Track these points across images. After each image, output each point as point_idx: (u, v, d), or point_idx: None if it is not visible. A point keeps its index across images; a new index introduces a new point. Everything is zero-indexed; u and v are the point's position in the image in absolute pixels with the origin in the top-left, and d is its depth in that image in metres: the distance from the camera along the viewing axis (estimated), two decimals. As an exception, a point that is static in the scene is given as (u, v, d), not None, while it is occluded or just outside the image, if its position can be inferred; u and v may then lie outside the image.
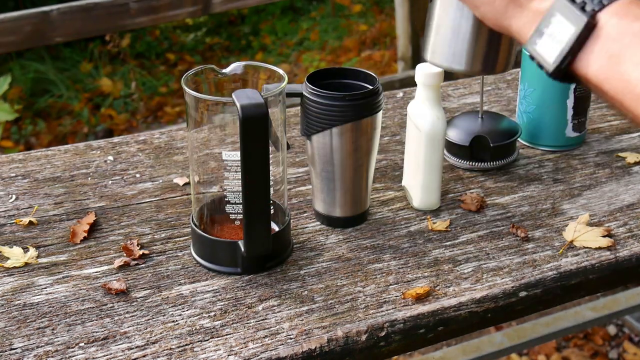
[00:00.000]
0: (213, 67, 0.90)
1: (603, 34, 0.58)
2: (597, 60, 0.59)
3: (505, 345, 1.81)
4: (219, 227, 0.92)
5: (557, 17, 0.61)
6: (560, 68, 0.61)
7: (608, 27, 0.58)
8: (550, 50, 0.61)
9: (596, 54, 0.59)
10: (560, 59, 0.60)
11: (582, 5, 0.59)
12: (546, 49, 0.62)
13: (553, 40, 0.61)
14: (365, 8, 4.75)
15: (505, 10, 0.66)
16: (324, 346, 0.80)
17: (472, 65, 0.76)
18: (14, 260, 0.92)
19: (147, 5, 2.91)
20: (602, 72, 0.58)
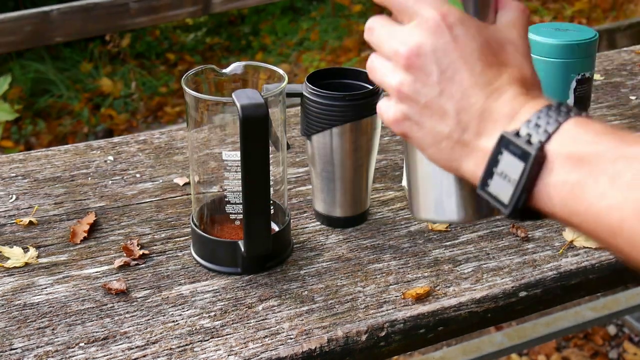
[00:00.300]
0: (213, 67, 0.90)
1: (556, 165, 0.53)
2: (557, 195, 0.54)
3: (505, 345, 1.81)
4: (219, 227, 0.92)
5: (505, 154, 0.55)
6: (517, 208, 0.55)
7: (560, 157, 0.53)
8: (504, 191, 0.56)
9: (554, 188, 0.54)
10: (515, 199, 0.55)
11: (528, 139, 0.55)
12: (499, 190, 0.56)
13: (504, 180, 0.56)
14: (365, 8, 4.75)
15: (452, 151, 0.59)
16: (324, 346, 0.80)
17: (463, 213, 0.64)
18: (14, 260, 0.92)
19: (147, 5, 2.91)
20: (566, 206, 0.53)
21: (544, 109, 0.55)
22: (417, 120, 0.60)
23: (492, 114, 0.57)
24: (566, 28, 1.16)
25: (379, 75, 0.63)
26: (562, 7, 4.69)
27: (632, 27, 3.33)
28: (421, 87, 0.59)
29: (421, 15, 0.59)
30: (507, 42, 0.60)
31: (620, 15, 4.58)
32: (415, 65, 0.58)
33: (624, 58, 1.53)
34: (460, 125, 0.58)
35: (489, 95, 0.57)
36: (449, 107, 0.58)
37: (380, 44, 0.62)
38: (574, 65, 1.12)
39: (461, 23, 0.58)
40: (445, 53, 0.58)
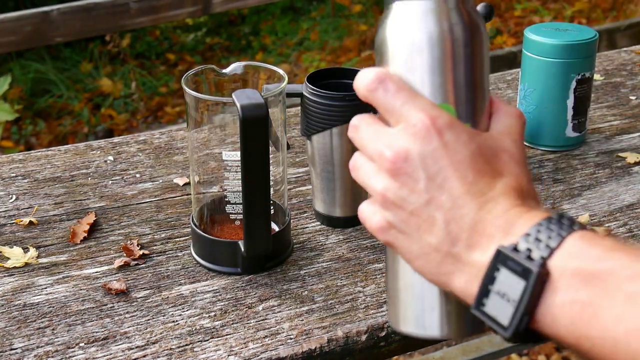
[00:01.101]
0: (213, 67, 0.90)
1: (562, 284, 0.49)
2: (564, 316, 0.48)
3: (505, 345, 1.81)
4: (219, 227, 0.92)
5: (502, 271, 0.51)
6: (518, 331, 0.50)
7: (566, 275, 0.49)
8: (502, 312, 0.51)
9: (560, 308, 0.49)
10: (516, 320, 0.50)
11: (528, 254, 0.50)
12: (497, 310, 0.51)
13: (502, 299, 0.51)
14: (365, 8, 4.75)
15: (441, 264, 0.54)
16: (324, 346, 0.80)
17: (447, 328, 0.58)
18: (14, 260, 0.92)
19: (147, 5, 2.91)
20: (575, 329, 0.48)
21: (544, 222, 0.51)
22: (403, 229, 0.56)
23: (485, 226, 0.53)
24: (566, 28, 1.16)
25: (362, 175, 0.59)
26: (562, 7, 4.70)
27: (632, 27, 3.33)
28: (407, 194, 0.55)
29: (409, 118, 0.55)
30: (501, 150, 0.56)
31: (620, 15, 4.58)
32: (402, 171, 0.55)
33: (624, 58, 1.53)
34: (450, 237, 0.53)
35: (481, 206, 0.53)
36: (438, 217, 0.54)
37: (364, 144, 0.58)
38: (574, 65, 1.13)
39: (451, 128, 0.54)
40: (434, 160, 0.54)
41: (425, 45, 0.56)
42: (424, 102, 0.56)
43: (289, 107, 1.06)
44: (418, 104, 0.55)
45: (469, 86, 0.57)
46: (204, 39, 4.59)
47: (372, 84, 0.57)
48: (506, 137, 0.57)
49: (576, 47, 1.12)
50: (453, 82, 0.56)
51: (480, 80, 0.58)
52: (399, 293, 0.60)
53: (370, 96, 0.58)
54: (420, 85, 0.56)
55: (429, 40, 0.56)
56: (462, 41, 0.56)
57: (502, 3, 4.68)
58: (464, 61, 0.56)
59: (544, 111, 1.15)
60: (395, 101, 0.56)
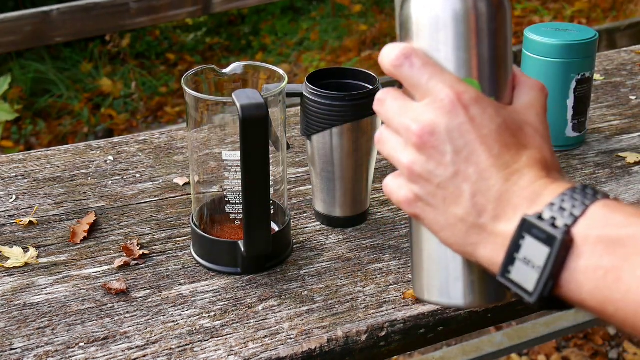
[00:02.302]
0: (213, 67, 0.90)
1: (586, 250, 0.50)
2: (588, 281, 0.50)
3: (505, 345, 1.81)
4: (219, 227, 0.92)
5: (527, 239, 0.52)
6: (543, 296, 0.52)
7: (589, 241, 0.50)
8: (527, 278, 0.52)
9: (584, 274, 0.50)
10: (541, 285, 0.52)
11: (552, 222, 0.51)
12: (522, 277, 0.53)
13: (528, 266, 0.52)
14: (365, 8, 4.75)
15: (467, 235, 0.55)
16: (324, 346, 0.80)
17: (471, 298, 0.60)
18: (14, 260, 0.92)
19: (147, 5, 2.91)
20: (599, 293, 0.50)
21: (568, 192, 0.53)
22: (430, 201, 0.57)
23: (511, 198, 0.54)
24: (566, 28, 1.16)
25: (388, 149, 0.59)
26: (562, 7, 4.70)
27: (632, 27, 3.33)
28: (434, 167, 0.56)
29: (435, 93, 0.56)
30: (526, 124, 0.57)
31: (620, 15, 4.58)
32: (428, 144, 0.56)
33: (624, 58, 1.53)
34: (476, 209, 0.55)
35: (507, 178, 0.54)
36: (465, 189, 0.55)
37: (390, 118, 0.59)
38: (574, 65, 1.13)
39: (477, 103, 0.55)
40: (461, 133, 0.55)
41: (450, 21, 0.57)
42: (450, 77, 0.56)
43: (289, 107, 1.06)
44: (444, 79, 0.56)
45: (494, 61, 0.58)
46: (204, 39, 4.59)
47: (398, 59, 0.58)
48: (530, 110, 0.58)
49: (576, 47, 1.12)
50: (478, 57, 0.57)
51: (504, 55, 0.59)
52: (423, 263, 0.61)
53: (395, 72, 0.58)
54: (445, 60, 0.57)
55: (454, 15, 0.57)
56: (486, 16, 0.57)
57: (502, 3, 4.67)
58: (488, 36, 0.57)
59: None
60: (421, 76, 0.57)
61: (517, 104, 0.59)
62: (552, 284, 0.52)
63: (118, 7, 2.85)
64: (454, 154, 0.55)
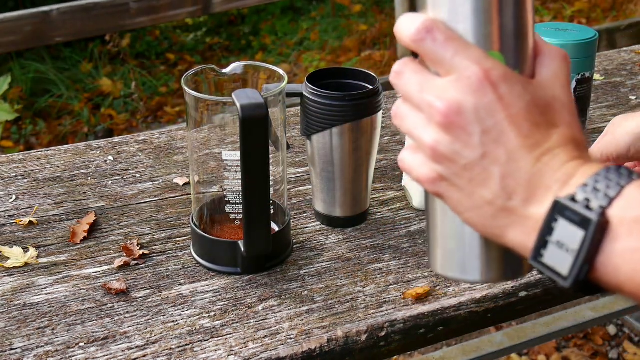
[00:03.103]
0: (213, 67, 0.90)
1: (622, 232, 0.49)
2: (626, 264, 0.49)
3: (505, 345, 1.81)
4: (219, 227, 0.92)
5: (560, 222, 0.50)
6: (578, 280, 0.50)
7: (626, 223, 0.49)
8: (561, 262, 0.51)
9: (621, 257, 0.49)
10: (576, 269, 0.50)
11: (586, 204, 0.50)
12: (556, 261, 0.51)
13: (561, 249, 0.51)
14: (365, 8, 4.75)
15: (494, 218, 0.54)
16: (324, 346, 0.80)
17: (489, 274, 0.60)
18: (14, 260, 0.92)
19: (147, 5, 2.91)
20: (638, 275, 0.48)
21: (602, 172, 0.51)
22: (455, 182, 0.54)
23: (542, 179, 0.52)
24: (566, 28, 1.16)
25: (408, 125, 0.56)
26: (562, 7, 4.70)
27: (632, 27, 3.33)
28: (461, 148, 0.53)
29: (461, 70, 0.53)
30: (554, 99, 0.55)
31: (620, 15, 4.58)
32: (455, 124, 0.53)
33: (624, 58, 1.53)
34: (506, 191, 0.53)
35: (538, 159, 0.52)
36: (494, 171, 0.53)
37: (410, 93, 0.56)
38: (574, 65, 1.13)
39: (505, 80, 0.53)
40: (489, 113, 0.52)
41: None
42: (476, 52, 0.54)
43: (289, 107, 1.06)
44: (470, 55, 0.54)
45: (517, 32, 0.56)
46: (204, 39, 4.59)
47: (419, 33, 0.54)
48: (556, 83, 0.56)
49: (576, 47, 1.12)
50: (500, 29, 0.55)
51: (527, 25, 0.56)
52: (440, 237, 0.60)
53: (416, 46, 0.55)
54: (466, 32, 0.55)
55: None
56: None
57: (502, 3, 4.67)
58: (511, 5, 0.55)
59: (544, 111, 1.15)
60: (445, 52, 0.54)
61: (542, 77, 0.56)
62: (587, 268, 0.50)
63: (118, 7, 2.85)
64: (482, 134, 0.53)
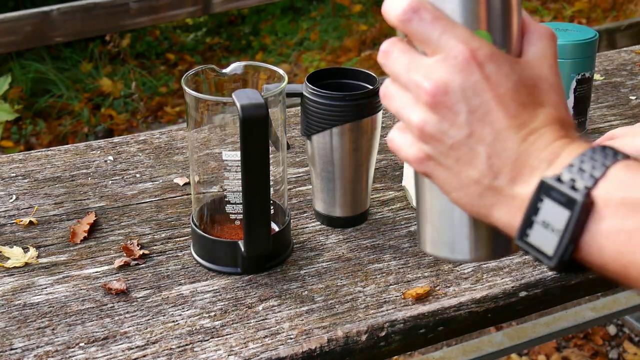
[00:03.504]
0: (213, 67, 0.90)
1: (608, 212, 0.49)
2: (611, 244, 0.49)
3: (505, 345, 1.81)
4: (219, 227, 0.92)
5: (546, 202, 0.51)
6: (563, 260, 0.51)
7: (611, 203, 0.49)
8: (547, 241, 0.51)
9: (606, 237, 0.49)
10: (561, 249, 0.51)
11: (572, 185, 0.50)
12: (541, 240, 0.52)
13: (547, 229, 0.51)
14: (365, 8, 4.75)
15: (481, 197, 0.54)
16: (324, 346, 0.80)
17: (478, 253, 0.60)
18: (14, 260, 0.92)
19: (147, 5, 2.91)
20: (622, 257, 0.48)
21: (587, 152, 0.51)
22: (442, 161, 0.55)
23: (528, 159, 0.52)
24: (566, 28, 1.16)
25: (396, 105, 0.56)
26: (562, 7, 4.70)
27: (632, 27, 3.33)
28: (448, 127, 0.53)
29: (448, 49, 0.53)
30: (540, 79, 0.55)
31: (620, 15, 4.58)
32: (442, 103, 0.53)
33: (624, 58, 1.53)
34: (492, 170, 0.53)
35: (524, 138, 0.53)
36: (480, 151, 0.53)
37: (398, 72, 0.56)
38: (574, 65, 1.13)
39: (492, 60, 0.53)
40: (476, 92, 0.53)
41: None
42: (463, 31, 0.54)
43: (289, 107, 1.06)
44: (457, 34, 0.53)
45: (503, 10, 0.55)
46: (204, 39, 4.59)
47: (406, 13, 0.54)
48: (543, 62, 0.56)
49: (576, 47, 1.12)
50: (487, 8, 0.55)
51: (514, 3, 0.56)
52: (428, 217, 0.60)
53: (403, 26, 0.55)
54: (453, 12, 0.55)
55: None
56: None
57: (502, 3, 4.67)
58: None
59: (544, 111, 1.15)
60: (432, 31, 0.54)
61: (529, 56, 0.56)
62: (572, 248, 0.50)
63: (118, 7, 2.85)
64: (469, 113, 0.53)
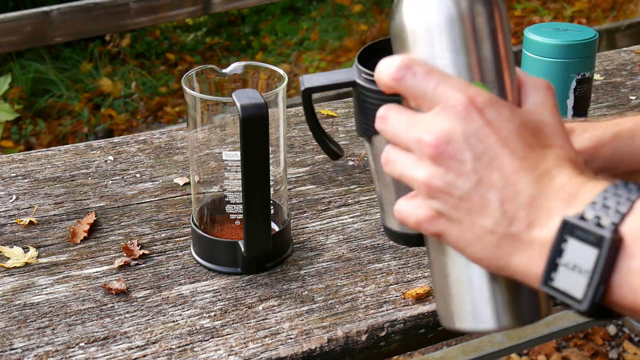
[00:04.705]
0: (213, 67, 0.90)
1: (638, 250, 0.47)
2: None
3: (505, 345, 1.81)
4: (219, 227, 0.92)
5: (570, 242, 0.48)
6: (594, 302, 0.48)
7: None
8: (575, 284, 0.48)
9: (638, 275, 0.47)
10: (592, 291, 0.48)
11: (597, 222, 0.48)
12: (568, 284, 0.49)
13: (573, 271, 0.48)
14: (365, 8, 4.75)
15: (498, 247, 0.51)
16: (324, 346, 0.80)
17: (503, 319, 0.56)
18: (14, 260, 0.92)
19: (147, 5, 2.91)
20: None
21: (610, 188, 0.49)
22: (453, 216, 0.52)
23: (544, 201, 0.50)
24: (566, 28, 1.16)
25: (399, 168, 0.55)
26: (562, 7, 4.70)
27: (632, 27, 3.33)
28: (455, 178, 0.51)
29: (445, 100, 0.52)
30: (543, 124, 0.54)
31: (620, 15, 4.58)
32: (446, 154, 0.51)
33: (624, 58, 1.53)
34: (507, 217, 0.51)
35: (537, 180, 0.51)
36: (491, 198, 0.51)
37: (397, 134, 0.55)
38: (574, 65, 1.13)
39: (492, 105, 0.52)
40: (479, 138, 0.51)
41: (447, 25, 0.54)
42: (458, 81, 0.53)
43: (289, 107, 1.06)
44: (452, 84, 0.53)
45: (496, 62, 0.55)
46: (204, 39, 4.59)
47: (399, 70, 0.54)
48: (543, 110, 0.55)
49: (576, 47, 1.12)
50: (479, 60, 0.55)
51: (505, 55, 0.56)
52: (449, 289, 0.58)
53: (397, 85, 0.54)
54: (446, 67, 0.55)
55: (450, 19, 0.54)
56: (483, 16, 0.55)
57: (502, 3, 4.67)
58: (487, 36, 0.55)
59: (544, 111, 1.15)
60: (427, 84, 0.53)
61: (528, 105, 0.56)
62: (603, 289, 0.48)
63: (118, 7, 2.85)
64: (475, 160, 0.51)
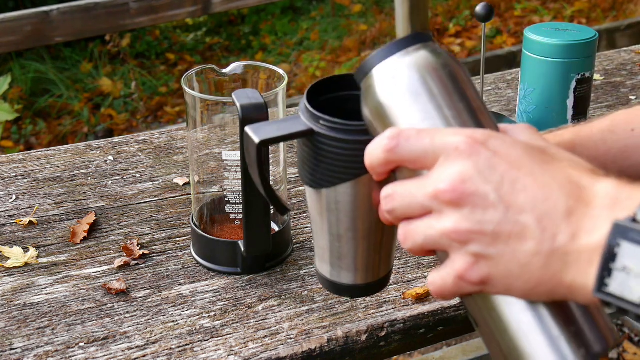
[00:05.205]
0: (213, 67, 0.90)
1: None
2: None
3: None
4: (219, 227, 0.92)
5: (624, 245, 0.47)
6: None
7: None
8: (631, 288, 0.47)
9: None
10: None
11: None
12: (624, 288, 0.47)
13: (629, 275, 0.47)
14: (365, 8, 4.75)
15: (547, 267, 0.49)
16: (324, 346, 0.80)
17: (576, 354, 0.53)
18: (14, 260, 0.92)
19: (147, 5, 2.91)
20: None
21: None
22: (493, 253, 0.50)
23: (585, 208, 0.49)
24: (566, 28, 1.16)
25: (422, 233, 0.52)
26: (562, 7, 4.70)
27: (632, 27, 3.33)
28: (482, 213, 0.50)
29: (446, 147, 0.51)
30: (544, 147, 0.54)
31: (620, 15, 4.58)
32: (466, 192, 0.50)
33: (624, 58, 1.53)
34: (548, 233, 0.49)
35: (567, 191, 0.50)
36: (526, 220, 0.49)
37: (410, 203, 0.52)
38: (574, 65, 1.13)
39: (492, 137, 0.51)
40: (492, 168, 0.50)
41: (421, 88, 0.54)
42: (450, 129, 0.53)
43: (289, 107, 1.06)
44: (447, 132, 0.52)
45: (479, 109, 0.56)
46: (204, 39, 4.59)
47: (391, 141, 0.53)
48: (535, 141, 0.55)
49: (576, 47, 1.12)
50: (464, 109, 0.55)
51: (483, 104, 0.57)
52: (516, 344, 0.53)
53: (394, 155, 0.53)
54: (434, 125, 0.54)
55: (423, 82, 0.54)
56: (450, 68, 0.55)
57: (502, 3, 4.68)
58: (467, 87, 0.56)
59: (544, 111, 1.15)
60: (423, 142, 0.52)
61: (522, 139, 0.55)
62: None
63: (118, 7, 2.85)
64: (496, 190, 0.50)
